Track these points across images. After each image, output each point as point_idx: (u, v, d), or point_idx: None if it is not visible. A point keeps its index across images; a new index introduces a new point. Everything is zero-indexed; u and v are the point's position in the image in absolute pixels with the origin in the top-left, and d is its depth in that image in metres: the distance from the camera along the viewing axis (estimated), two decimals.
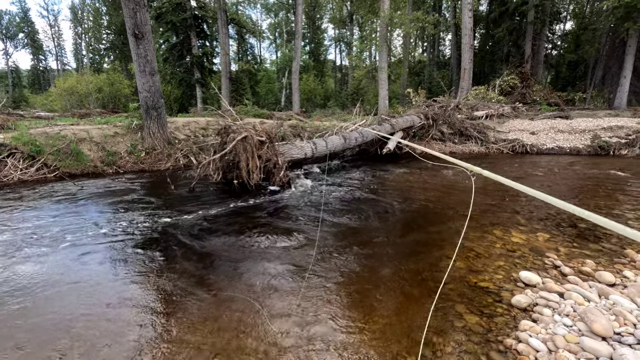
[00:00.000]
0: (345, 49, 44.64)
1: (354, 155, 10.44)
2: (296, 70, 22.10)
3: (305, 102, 29.59)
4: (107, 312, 2.54)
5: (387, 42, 17.94)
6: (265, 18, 46.65)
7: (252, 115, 14.06)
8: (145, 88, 8.44)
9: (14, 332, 2.32)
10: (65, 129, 8.58)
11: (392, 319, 2.45)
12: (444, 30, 35.44)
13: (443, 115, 11.93)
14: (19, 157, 7.39)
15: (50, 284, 2.95)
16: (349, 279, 3.02)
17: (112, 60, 35.09)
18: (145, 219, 4.61)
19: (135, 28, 7.80)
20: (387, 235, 4.10)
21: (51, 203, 5.46)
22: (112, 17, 33.39)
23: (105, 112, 17.48)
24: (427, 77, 30.13)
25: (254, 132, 6.38)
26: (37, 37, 49.39)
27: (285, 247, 3.73)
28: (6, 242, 3.83)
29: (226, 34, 21.61)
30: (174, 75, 22.74)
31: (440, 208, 5.11)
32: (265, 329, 2.35)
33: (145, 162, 8.55)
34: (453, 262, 3.30)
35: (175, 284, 2.95)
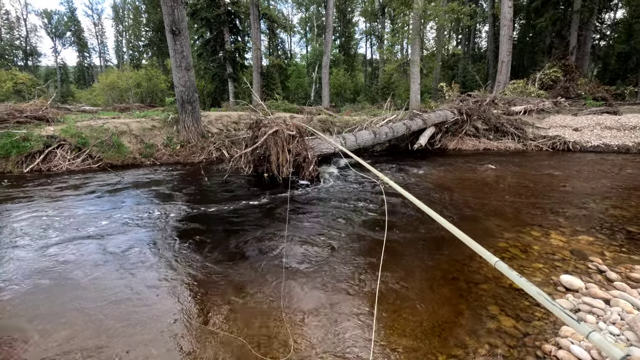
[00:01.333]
0: (376, 43, 43.99)
1: (383, 150, 10.31)
2: (326, 65, 22.03)
3: (335, 96, 29.47)
4: (143, 291, 2.68)
5: (420, 34, 17.45)
6: (296, 12, 46.85)
7: (282, 109, 14.19)
8: (181, 83, 8.73)
9: (71, 302, 2.50)
10: (108, 122, 9.06)
11: (422, 317, 2.41)
12: (481, 22, 34.05)
13: (478, 110, 11.48)
14: (67, 148, 7.91)
15: (100, 263, 3.15)
16: (374, 273, 3.00)
17: (150, 57, 36.55)
18: (181, 209, 4.80)
19: (172, 25, 8.07)
20: (416, 232, 4.02)
21: (98, 192, 5.81)
22: (150, 14, 34.74)
23: (143, 106, 18.30)
24: (462, 71, 29.11)
25: (285, 127, 6.45)
26: (82, 35, 52.38)
27: (314, 241, 3.75)
28: (62, 226, 4.12)
29: (258, 29, 21.87)
30: (207, 70, 23.37)
31: (473, 204, 4.95)
32: (289, 325, 2.39)
33: (180, 154, 8.88)
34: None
35: (207, 269, 3.06)
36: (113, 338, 2.21)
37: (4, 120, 8.15)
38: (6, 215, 4.56)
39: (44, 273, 3.02)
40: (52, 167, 7.61)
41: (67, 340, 2.19)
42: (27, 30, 48.51)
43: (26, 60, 47.47)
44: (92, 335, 2.24)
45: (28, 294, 2.71)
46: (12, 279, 2.93)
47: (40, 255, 3.38)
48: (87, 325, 2.33)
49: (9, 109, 8.76)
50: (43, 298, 2.65)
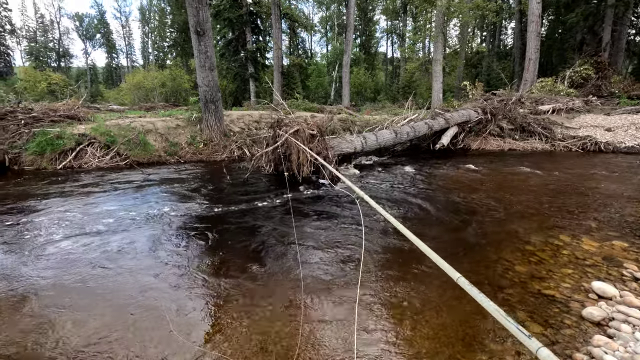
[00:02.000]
0: (397, 41, 43.47)
1: (405, 150, 10.18)
2: (347, 64, 21.96)
3: (355, 95, 29.34)
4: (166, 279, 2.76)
5: (443, 32, 17.12)
6: (317, 11, 46.88)
7: (303, 109, 14.26)
8: (204, 82, 8.92)
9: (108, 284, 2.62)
10: (135, 121, 9.36)
11: (446, 320, 2.37)
12: (507, 18, 33.01)
13: (503, 109, 11.16)
14: (97, 146, 8.23)
15: (131, 254, 3.27)
16: (397, 276, 2.96)
17: (174, 57, 37.50)
18: (204, 206, 4.90)
19: (197, 25, 8.25)
20: (438, 233, 3.96)
21: (126, 189, 6.02)
22: (175, 16, 35.60)
23: (168, 106, 18.80)
24: (486, 69, 28.35)
25: (306, 126, 6.47)
26: (111, 37, 54.35)
27: (333, 240, 3.75)
28: (90, 221, 4.30)
29: (279, 28, 22.03)
30: (229, 70, 23.75)
31: (497, 205, 4.81)
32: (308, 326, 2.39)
33: (203, 152, 9.08)
34: (513, 265, 3.12)
35: (227, 263, 3.11)
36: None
37: (40, 119, 8.56)
38: (45, 209, 4.79)
39: (76, 264, 3.16)
40: (82, 164, 7.94)
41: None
42: (60, 32, 50.80)
43: (59, 61, 49.70)
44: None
45: (61, 284, 2.84)
46: (49, 268, 3.08)
47: (72, 247, 3.54)
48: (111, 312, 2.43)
49: (44, 109, 9.20)
50: (74, 288, 2.77)
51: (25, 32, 48.64)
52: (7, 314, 2.45)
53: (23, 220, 4.33)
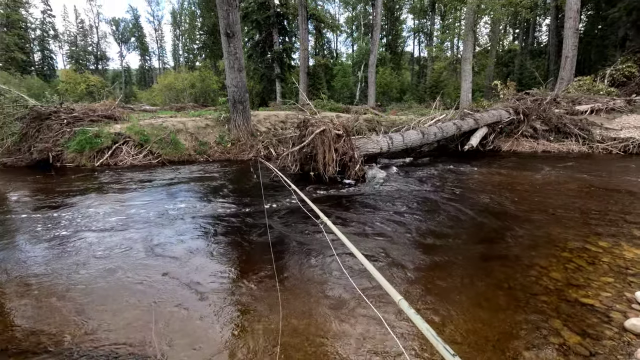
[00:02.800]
0: (424, 40, 42.66)
1: (432, 150, 9.98)
2: (373, 64, 21.79)
3: (381, 95, 29.04)
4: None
5: (473, 30, 16.63)
6: (343, 12, 46.76)
7: (328, 109, 14.28)
8: (233, 83, 9.12)
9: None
10: (167, 121, 9.71)
11: (476, 325, 2.31)
12: (542, 14, 31.63)
13: (537, 109, 10.70)
14: (131, 144, 8.60)
15: (163, 246, 3.41)
16: (426, 280, 2.92)
17: (204, 59, 38.55)
18: (232, 203, 5.02)
19: (227, 27, 8.45)
20: (468, 236, 3.86)
21: (160, 184, 6.27)
22: (205, 18, 36.61)
23: (197, 106, 19.37)
24: (518, 68, 27.31)
25: (332, 126, 6.49)
26: (144, 40, 56.61)
27: (362, 239, 3.74)
28: (125, 215, 4.51)
29: (306, 29, 22.18)
30: (256, 71, 24.17)
31: (531, 209, 4.63)
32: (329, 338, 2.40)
33: (231, 152, 9.29)
34: (547, 272, 2.99)
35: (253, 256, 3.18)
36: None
37: (80, 118, 9.05)
38: (87, 204, 5.07)
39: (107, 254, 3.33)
40: (118, 161, 8.33)
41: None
42: (98, 37, 53.45)
43: (97, 64, 52.29)
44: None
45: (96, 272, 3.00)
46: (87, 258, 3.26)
47: (109, 238, 3.73)
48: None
49: (84, 109, 9.72)
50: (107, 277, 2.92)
51: (66, 36, 51.57)
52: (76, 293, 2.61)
53: (70, 213, 4.60)
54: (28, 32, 40.85)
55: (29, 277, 2.98)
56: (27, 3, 39.92)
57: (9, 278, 2.97)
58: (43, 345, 2.14)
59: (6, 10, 35.25)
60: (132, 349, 2.10)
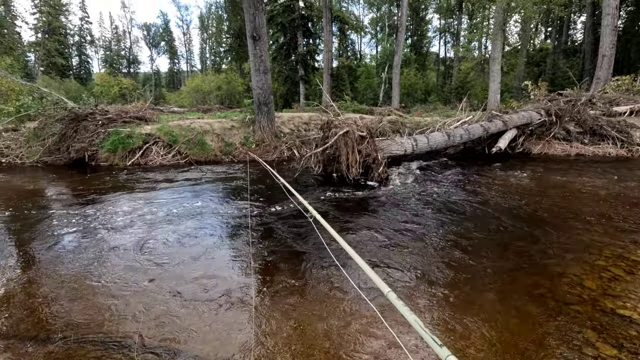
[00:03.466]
0: (450, 40, 41.78)
1: (457, 153, 9.75)
2: (397, 65, 21.57)
3: (405, 97, 28.68)
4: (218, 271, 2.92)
5: (502, 29, 16.13)
6: (367, 13, 46.57)
7: (352, 110, 14.25)
8: (258, 85, 9.29)
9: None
10: (194, 122, 10.00)
11: (504, 333, 2.25)
12: (576, 12, 30.27)
13: (570, 110, 10.23)
14: (161, 145, 8.92)
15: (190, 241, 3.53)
16: (452, 286, 2.86)
17: (230, 61, 39.41)
18: (255, 202, 5.11)
19: (253, 31, 8.62)
20: (499, 241, 3.74)
21: (188, 184, 6.47)
22: (231, 22, 37.40)
23: (222, 107, 19.81)
24: (550, 67, 26.25)
25: (355, 127, 6.47)
26: (173, 44, 58.53)
27: (385, 245, 3.72)
28: (160, 211, 4.69)
29: (330, 31, 22.25)
30: (280, 73, 24.47)
31: (564, 217, 4.43)
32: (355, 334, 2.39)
33: (255, 152, 9.44)
34: (581, 280, 2.87)
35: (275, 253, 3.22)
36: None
37: (114, 120, 9.48)
38: (121, 201, 5.32)
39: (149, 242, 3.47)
40: (148, 161, 8.66)
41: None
42: (130, 41, 55.77)
43: (129, 67, 54.54)
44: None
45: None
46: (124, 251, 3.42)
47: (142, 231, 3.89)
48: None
49: (117, 110, 10.17)
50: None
51: (102, 42, 54.18)
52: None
53: (110, 208, 4.84)
54: (67, 38, 43.18)
55: (61, 269, 3.16)
56: (67, 10, 42.23)
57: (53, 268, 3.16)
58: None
59: (48, 17, 37.44)
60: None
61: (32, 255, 3.48)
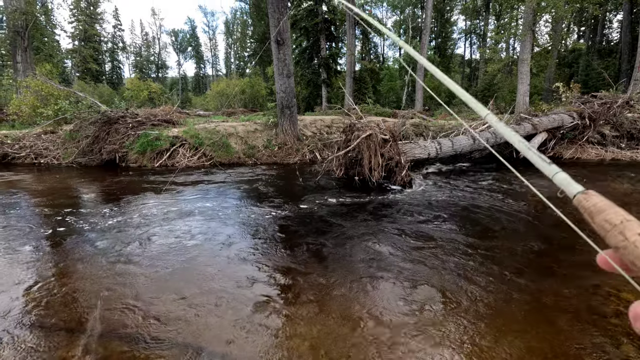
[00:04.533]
0: (476, 42, 40.88)
1: (482, 157, 9.49)
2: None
3: (429, 99, 28.23)
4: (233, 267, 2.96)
5: (531, 29, 15.59)
6: (391, 15, 46.27)
7: (374, 113, 14.17)
8: (282, 89, 9.41)
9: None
10: (219, 125, 10.24)
11: (539, 345, 2.16)
12: (612, 10, 28.89)
13: (605, 113, 9.75)
14: (187, 147, 9.18)
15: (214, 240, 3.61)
16: (480, 296, 2.78)
17: (254, 65, 40.15)
18: (278, 204, 5.17)
19: (278, 35, 8.75)
20: (527, 252, 3.61)
21: (213, 185, 6.63)
22: (255, 27, 38.13)
23: (246, 111, 20.17)
24: (584, 68, 25.14)
25: (378, 130, 6.43)
26: (200, 49, 60.26)
27: (408, 249, 3.66)
28: (187, 210, 4.83)
29: (353, 35, 22.25)
30: (303, 77, 24.67)
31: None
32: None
33: (278, 155, 9.56)
34: (618, 292, 2.72)
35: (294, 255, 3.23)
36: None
37: (143, 122, 9.85)
38: (152, 200, 5.51)
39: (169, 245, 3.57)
40: (175, 162, 8.93)
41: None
42: (159, 47, 57.90)
43: (157, 72, 56.61)
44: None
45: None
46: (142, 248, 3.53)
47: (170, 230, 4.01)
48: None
49: (146, 113, 10.56)
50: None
51: (132, 48, 56.52)
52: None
53: (144, 206, 5.03)
54: (101, 44, 45.32)
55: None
56: (102, 19, 44.35)
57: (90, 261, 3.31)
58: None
59: (84, 26, 39.46)
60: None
61: (68, 250, 3.65)
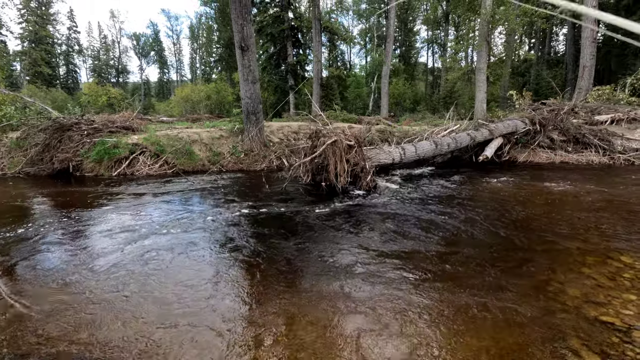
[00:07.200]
0: (438, 51, 42.69)
1: (444, 162, 9.86)
2: (386, 75, 21.88)
3: (394, 106, 29.04)
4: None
5: (487, 40, 16.52)
6: (357, 24, 47.35)
7: (341, 119, 14.35)
8: (247, 95, 9.29)
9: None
10: (182, 132, 9.93)
11: (488, 343, 2.23)
12: (558, 24, 31.27)
13: (554, 119, 10.48)
14: (148, 155, 8.81)
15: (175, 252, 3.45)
16: (434, 296, 2.85)
17: (220, 71, 39.48)
18: (242, 213, 5.05)
19: (242, 41, 8.66)
20: (483, 249, 3.76)
21: (175, 194, 6.38)
22: (221, 32, 37.61)
23: (212, 117, 19.76)
24: (534, 77, 26.95)
25: (343, 137, 6.50)
26: (163, 54, 58.52)
27: (364, 252, 3.70)
28: (143, 223, 4.60)
29: (319, 42, 22.50)
30: (270, 83, 24.57)
31: (548, 223, 4.48)
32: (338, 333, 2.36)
33: (244, 162, 9.40)
34: (565, 288, 2.88)
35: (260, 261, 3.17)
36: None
37: (100, 129, 9.35)
38: (105, 212, 5.20)
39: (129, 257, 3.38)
40: (134, 171, 8.53)
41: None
42: (119, 51, 55.56)
43: (118, 77, 54.26)
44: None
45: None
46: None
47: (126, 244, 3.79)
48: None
49: (103, 120, 10.05)
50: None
51: (90, 51, 53.80)
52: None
53: (93, 220, 4.72)
54: (54, 47, 42.77)
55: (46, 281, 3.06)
56: (55, 20, 41.93)
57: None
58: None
59: (35, 26, 37.09)
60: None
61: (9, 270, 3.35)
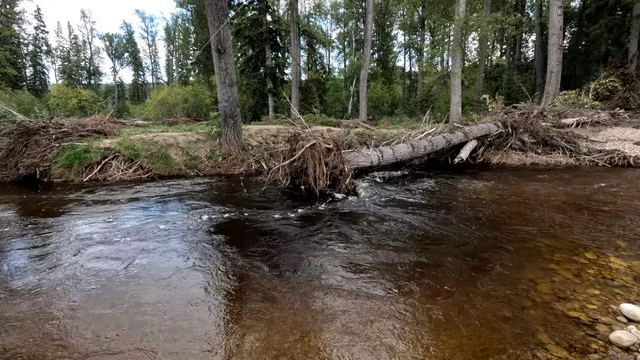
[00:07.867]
0: (415, 55, 43.59)
1: (422, 164, 10.06)
2: (364, 78, 22.15)
3: (373, 109, 29.40)
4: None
5: (461, 46, 17.04)
6: (335, 28, 47.72)
7: (320, 123, 14.39)
8: (224, 98, 9.18)
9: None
10: (158, 136, 9.68)
11: (463, 340, 2.29)
12: (527, 31, 32.63)
13: (524, 122, 10.91)
14: (121, 159, 8.54)
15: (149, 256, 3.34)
16: (408, 293, 2.90)
17: (197, 74, 38.82)
18: (218, 218, 4.98)
19: (218, 44, 8.56)
20: (456, 248, 3.85)
21: (148, 200, 6.20)
22: (198, 34, 37.07)
23: (189, 120, 19.38)
24: (506, 82, 27.93)
25: (322, 140, 6.53)
26: (138, 55, 57.01)
27: (343, 253, 3.72)
28: (117, 230, 4.44)
29: (298, 45, 22.52)
30: (248, 86, 24.34)
31: (518, 221, 4.66)
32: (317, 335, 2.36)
33: (222, 166, 9.25)
34: (535, 285, 2.99)
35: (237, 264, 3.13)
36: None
37: (69, 133, 8.98)
38: (71, 221, 4.98)
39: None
40: (107, 176, 8.24)
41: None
42: (91, 52, 53.67)
43: (89, 79, 52.37)
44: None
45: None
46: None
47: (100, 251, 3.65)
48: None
49: (74, 124, 9.66)
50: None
51: (59, 52, 51.70)
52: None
53: (55, 230, 4.51)
54: (20, 47, 40.87)
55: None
56: (20, 19, 40.09)
57: None
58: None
59: None
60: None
61: None
